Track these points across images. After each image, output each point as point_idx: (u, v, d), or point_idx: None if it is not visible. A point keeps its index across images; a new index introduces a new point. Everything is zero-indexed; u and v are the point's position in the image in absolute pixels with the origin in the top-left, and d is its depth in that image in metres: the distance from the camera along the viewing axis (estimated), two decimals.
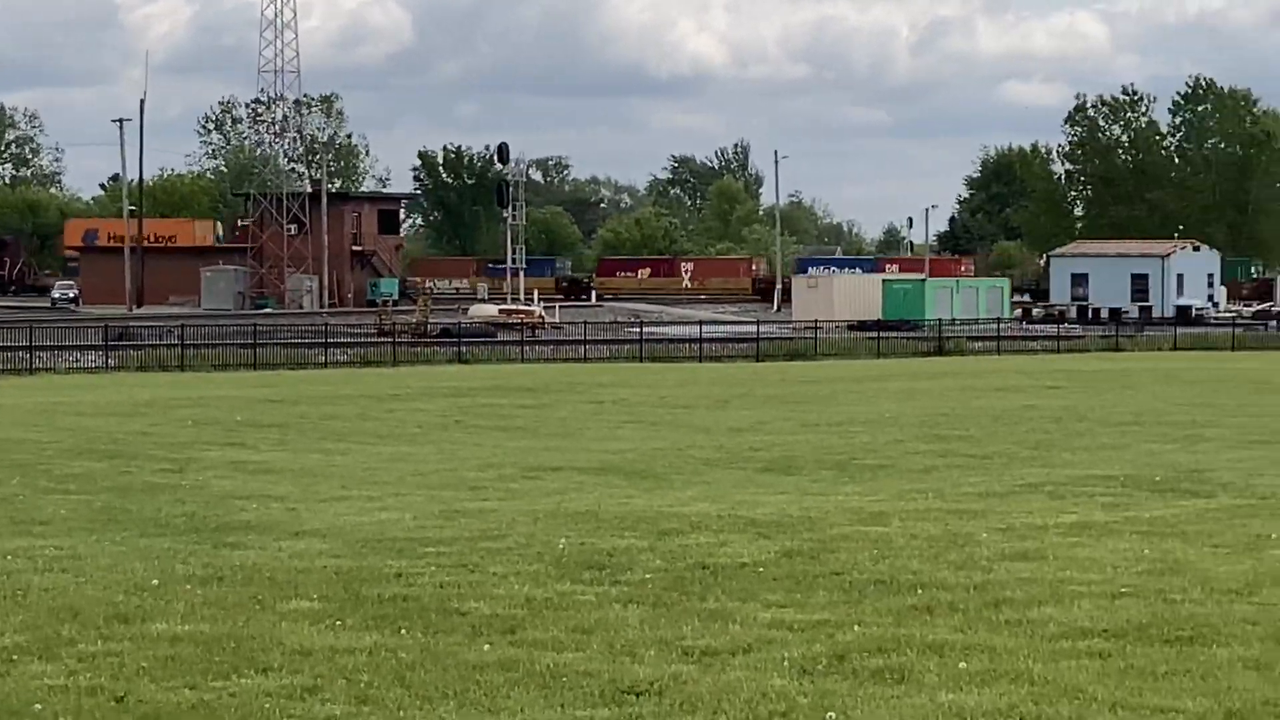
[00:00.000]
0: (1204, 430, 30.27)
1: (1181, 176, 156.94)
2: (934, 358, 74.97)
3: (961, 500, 19.70)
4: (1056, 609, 12.65)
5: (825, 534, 16.68)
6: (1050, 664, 10.90)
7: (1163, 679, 10.50)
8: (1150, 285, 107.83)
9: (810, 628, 12.07)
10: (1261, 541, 16.05)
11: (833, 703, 10.04)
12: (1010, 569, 14.45)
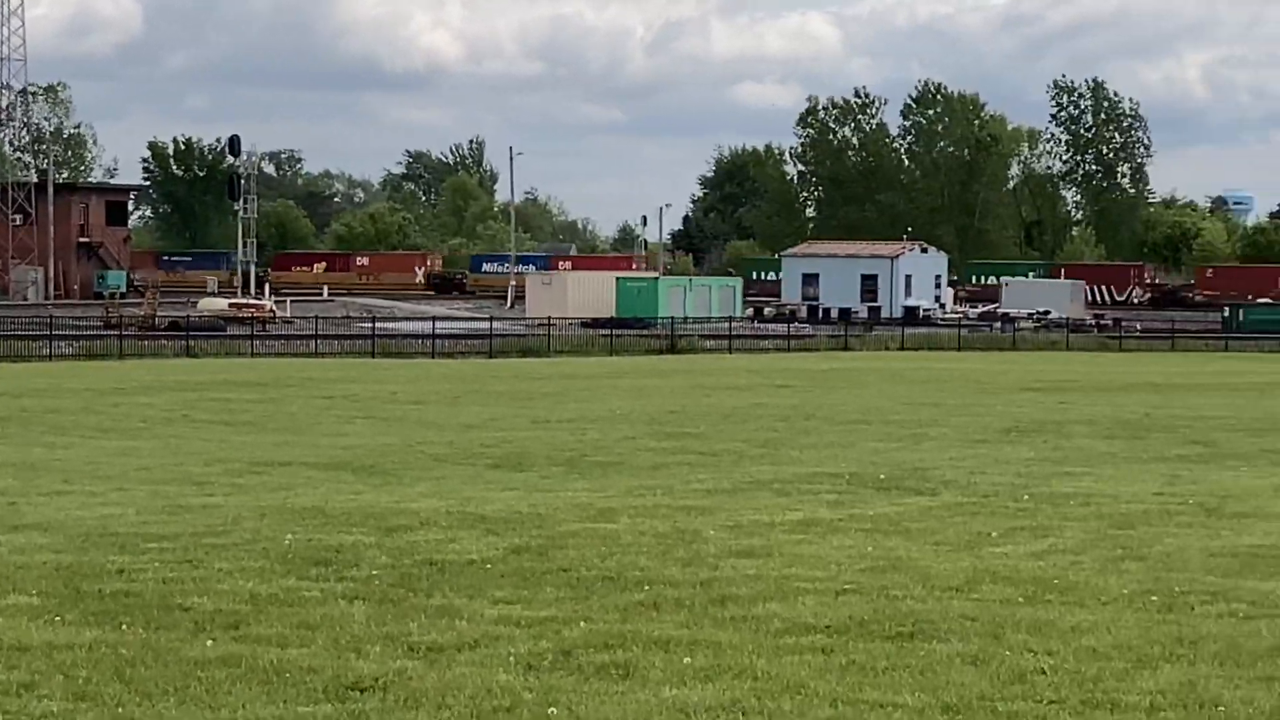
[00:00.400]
0: (928, 429, 30.81)
1: (911, 179, 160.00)
2: (666, 356, 75.46)
3: (690, 497, 19.83)
4: (781, 605, 12.79)
5: (554, 531, 16.70)
6: (773, 659, 11.02)
7: (882, 674, 10.66)
8: (879, 286, 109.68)
9: (537, 624, 12.08)
10: (981, 539, 16.39)
11: (557, 699, 10.05)
12: (736, 565, 14.59)
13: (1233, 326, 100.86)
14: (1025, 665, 10.91)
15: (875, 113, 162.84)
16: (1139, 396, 42.91)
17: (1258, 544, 16.03)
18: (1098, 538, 16.47)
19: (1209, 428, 31.38)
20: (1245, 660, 10.98)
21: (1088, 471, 23.12)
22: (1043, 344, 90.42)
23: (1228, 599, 13.08)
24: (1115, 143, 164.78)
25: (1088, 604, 12.95)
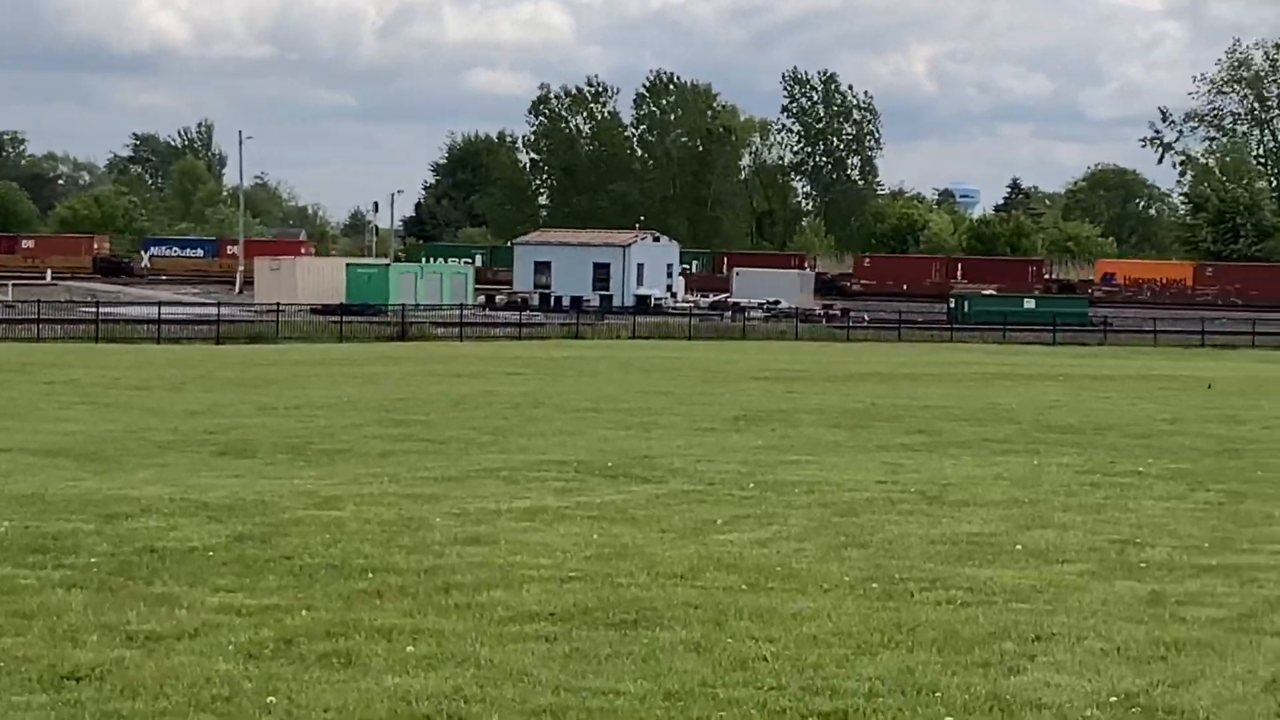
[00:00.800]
0: (658, 417, 30.98)
1: (644, 169, 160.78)
2: (397, 343, 75.04)
3: (417, 485, 19.72)
4: (505, 593, 12.75)
5: (278, 518, 16.50)
6: (497, 647, 10.98)
7: (605, 661, 10.67)
8: (611, 274, 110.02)
9: (259, 612, 11.92)
10: (707, 526, 16.50)
11: (277, 687, 9.92)
12: (462, 553, 14.53)
13: (958, 318, 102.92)
14: (747, 652, 10.98)
15: (607, 102, 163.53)
16: (865, 386, 43.55)
17: (976, 531, 16.33)
18: (821, 525, 16.67)
19: (932, 417, 31.94)
20: (962, 646, 11.17)
21: (813, 460, 23.40)
22: (772, 333, 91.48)
23: (946, 586, 13.31)
24: (846, 135, 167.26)
25: (810, 591, 13.09)
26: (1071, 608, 12.48)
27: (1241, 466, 22.98)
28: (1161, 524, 17.01)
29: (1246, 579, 13.76)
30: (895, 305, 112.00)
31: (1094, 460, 23.66)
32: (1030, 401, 37.55)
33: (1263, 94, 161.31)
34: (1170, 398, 40.26)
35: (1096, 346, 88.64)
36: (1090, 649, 11.11)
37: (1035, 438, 27.66)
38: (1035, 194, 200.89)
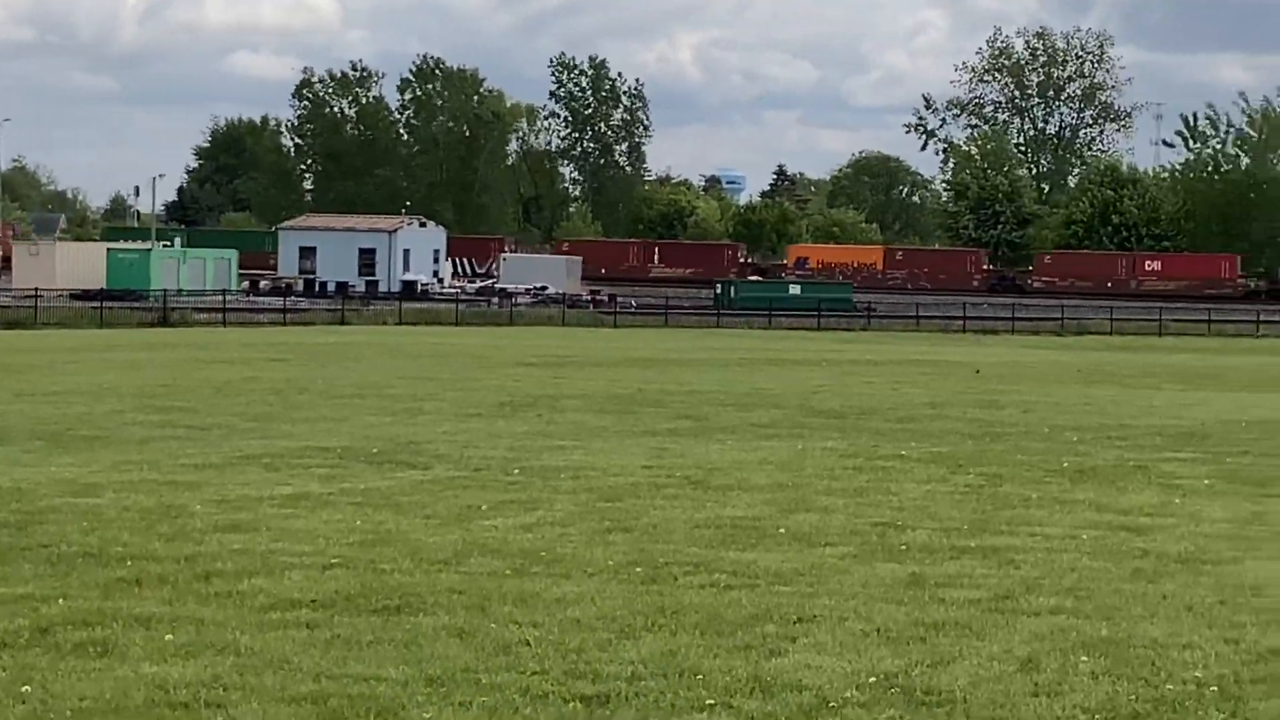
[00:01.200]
0: (423, 403, 30.83)
1: (410, 154, 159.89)
2: (158, 328, 73.90)
3: (177, 472, 19.43)
4: (267, 580, 12.61)
5: (34, 506, 16.18)
6: (258, 635, 10.85)
7: (367, 648, 10.59)
8: (378, 260, 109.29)
9: (13, 601, 11.68)
10: (472, 512, 16.44)
11: (31, 677, 9.73)
12: (223, 541, 14.34)
13: (724, 303, 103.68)
14: (510, 637, 10.96)
15: (372, 86, 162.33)
16: (632, 372, 43.70)
17: (740, 515, 16.45)
18: (586, 510, 16.69)
19: (698, 402, 32.14)
20: (725, 629, 11.23)
21: (579, 445, 23.42)
22: (540, 319, 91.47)
23: (710, 569, 13.38)
24: (615, 121, 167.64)
25: (574, 576, 13.10)
26: (833, 590, 12.61)
27: (1001, 450, 23.38)
28: (922, 507, 17.25)
29: (1004, 560, 13.99)
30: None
31: (857, 444, 23.94)
32: (795, 386, 37.92)
33: (1023, 83, 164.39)
34: (932, 382, 40.87)
35: (860, 332, 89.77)
36: (851, 630, 11.24)
37: (800, 422, 27.93)
38: (801, 180, 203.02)
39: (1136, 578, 13.26)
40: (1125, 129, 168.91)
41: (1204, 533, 15.67)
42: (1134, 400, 35.34)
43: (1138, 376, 46.27)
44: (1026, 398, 35.31)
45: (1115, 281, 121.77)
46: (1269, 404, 34.48)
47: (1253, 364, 57.50)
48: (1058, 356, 61.94)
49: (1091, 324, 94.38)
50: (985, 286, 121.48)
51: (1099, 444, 24.43)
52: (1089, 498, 18.12)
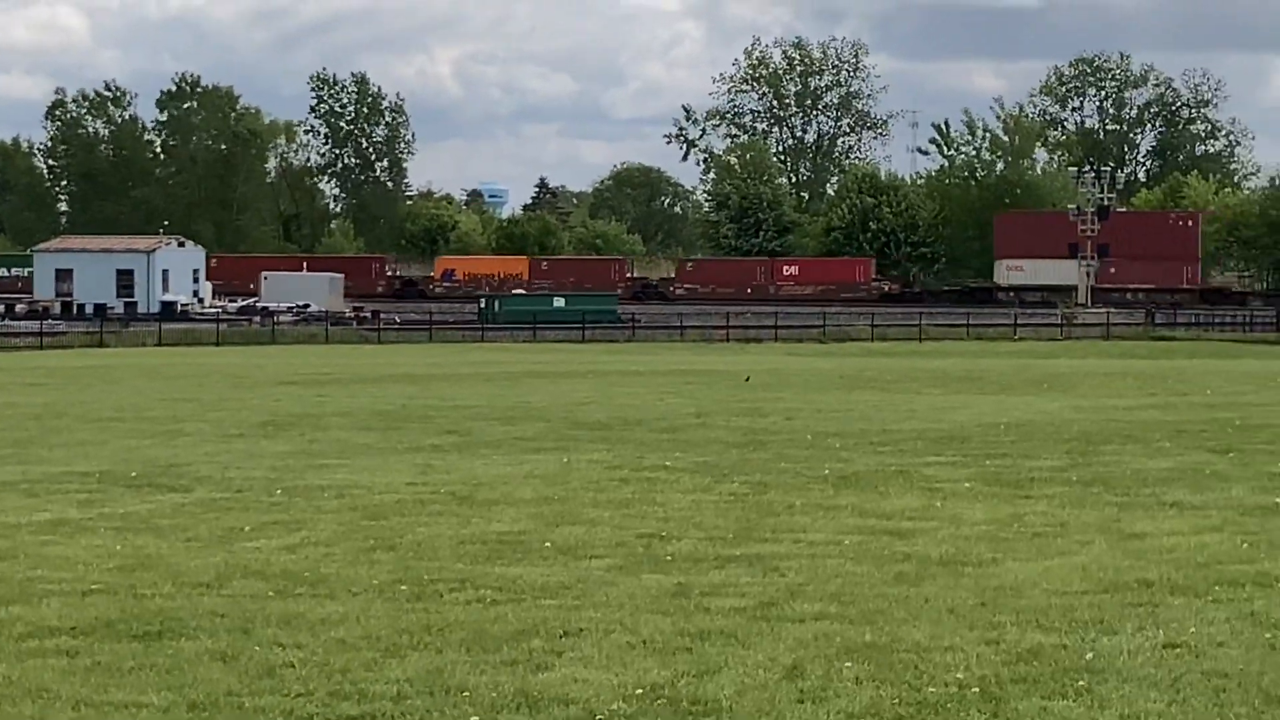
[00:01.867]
0: (184, 425, 30.40)
1: (167, 173, 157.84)
2: None
3: None
4: (24, 608, 12.36)
5: None
6: (15, 664, 10.64)
7: (129, 674, 10.41)
8: (136, 281, 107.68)
9: None
10: (234, 534, 16.24)
11: None
12: None
13: (489, 318, 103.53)
14: (274, 659, 10.84)
15: (127, 106, 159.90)
16: (396, 388, 43.48)
17: (506, 530, 16.41)
18: (351, 529, 16.56)
19: (463, 417, 32.04)
20: (491, 645, 11.20)
21: (343, 463, 23.24)
22: (303, 337, 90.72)
23: (476, 585, 13.33)
24: (376, 137, 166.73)
25: (339, 595, 12.99)
26: (599, 602, 12.62)
27: (765, 458, 23.57)
28: (687, 516, 17.33)
29: (769, 568, 14.10)
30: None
31: (623, 456, 24.01)
32: (560, 399, 37.96)
33: (781, 92, 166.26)
34: (697, 392, 41.12)
35: (625, 343, 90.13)
36: (617, 642, 11.25)
37: (566, 435, 27.96)
38: (563, 193, 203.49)
39: (899, 581, 13.43)
40: (882, 137, 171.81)
41: (964, 535, 15.91)
42: (895, 405, 35.83)
43: (900, 381, 46.92)
44: (790, 405, 35.65)
45: (754, 286, 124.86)
46: (1026, 406, 35.14)
47: (1010, 366, 58.61)
48: (819, 363, 62.64)
49: (748, 332, 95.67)
50: (629, 294, 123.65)
51: (861, 449, 24.72)
52: (852, 503, 18.32)
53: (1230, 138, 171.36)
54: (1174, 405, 35.12)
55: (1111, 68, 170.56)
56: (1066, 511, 17.47)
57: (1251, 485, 19.52)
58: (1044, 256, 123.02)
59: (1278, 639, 11.16)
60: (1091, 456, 23.25)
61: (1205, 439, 25.87)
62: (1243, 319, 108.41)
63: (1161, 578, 13.38)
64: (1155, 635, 11.31)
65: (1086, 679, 10.19)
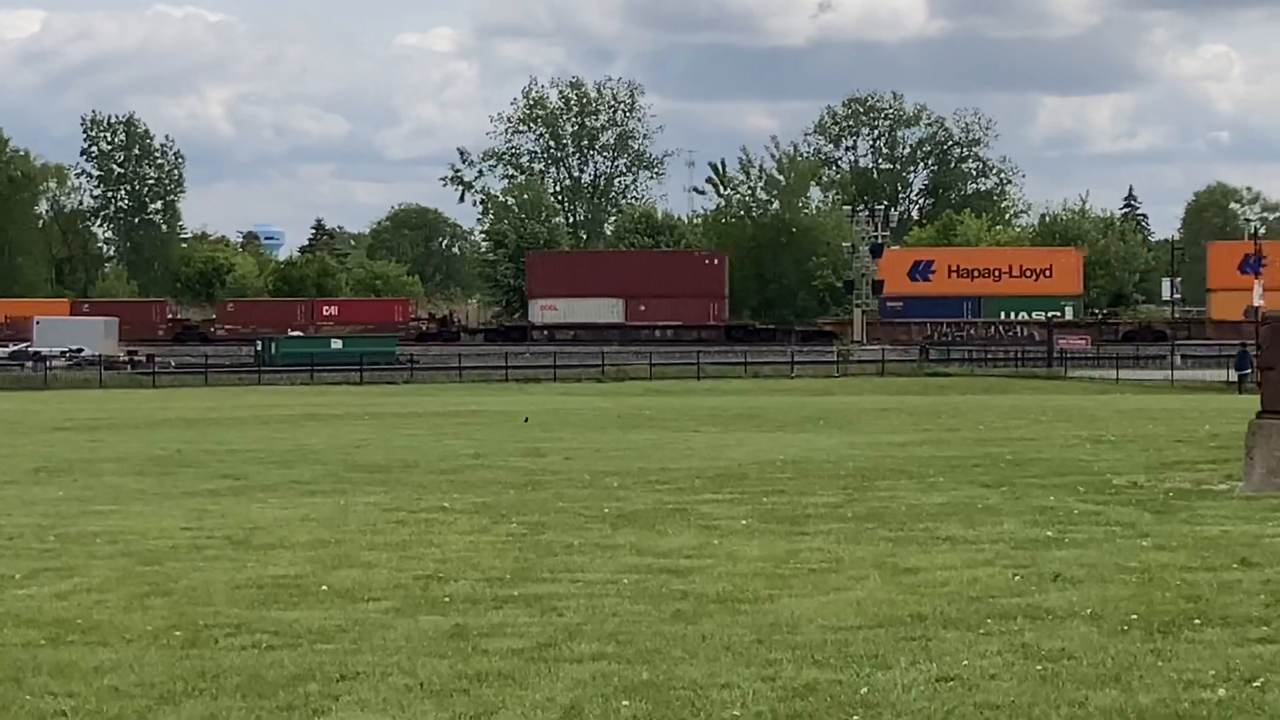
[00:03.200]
0: None
1: None
2: None
3: None
4: None
5: None
6: None
7: None
8: None
9: None
10: (5, 581, 15.95)
11: None
12: None
13: (265, 360, 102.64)
14: (46, 708, 10.67)
15: None
16: (172, 432, 42.94)
17: (282, 574, 16.26)
18: (125, 575, 16.31)
19: (239, 461, 31.70)
20: (267, 691, 11.09)
21: (117, 509, 22.88)
22: (76, 382, 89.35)
23: (251, 630, 13.20)
24: (149, 179, 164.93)
25: (112, 643, 12.79)
26: (376, 645, 12.55)
27: (544, 498, 23.57)
28: (465, 558, 17.29)
29: (547, 608, 14.10)
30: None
31: (400, 498, 23.90)
32: (338, 441, 37.71)
33: (558, 132, 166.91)
34: (476, 432, 41.07)
35: (404, 385, 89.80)
36: (394, 685, 11.20)
37: (343, 477, 27.78)
38: (340, 234, 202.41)
39: (676, 619, 13.50)
40: (658, 176, 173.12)
41: (741, 572, 16.02)
42: (673, 443, 36.03)
43: (678, 420, 47.21)
44: (569, 445, 35.72)
45: (295, 325, 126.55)
46: (802, 443, 35.50)
47: (787, 403, 59.20)
48: (598, 402, 62.85)
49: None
50: (171, 336, 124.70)
51: (639, 488, 24.82)
52: (630, 542, 18.38)
53: (1001, 176, 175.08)
54: (947, 440, 35.68)
55: (884, 107, 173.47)
56: (842, 547, 17.66)
57: (1023, 519, 19.86)
58: (579, 295, 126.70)
59: (1049, 671, 11.36)
60: (867, 492, 23.54)
61: (978, 474, 26.31)
62: (1015, 354, 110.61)
63: (935, 611, 13.58)
64: (929, 669, 11.47)
65: (861, 714, 10.31)
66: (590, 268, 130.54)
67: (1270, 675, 11.11)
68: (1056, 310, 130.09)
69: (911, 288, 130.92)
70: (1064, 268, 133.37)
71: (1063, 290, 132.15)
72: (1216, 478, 24.69)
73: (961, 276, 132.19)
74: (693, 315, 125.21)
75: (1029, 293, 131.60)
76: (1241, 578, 15.08)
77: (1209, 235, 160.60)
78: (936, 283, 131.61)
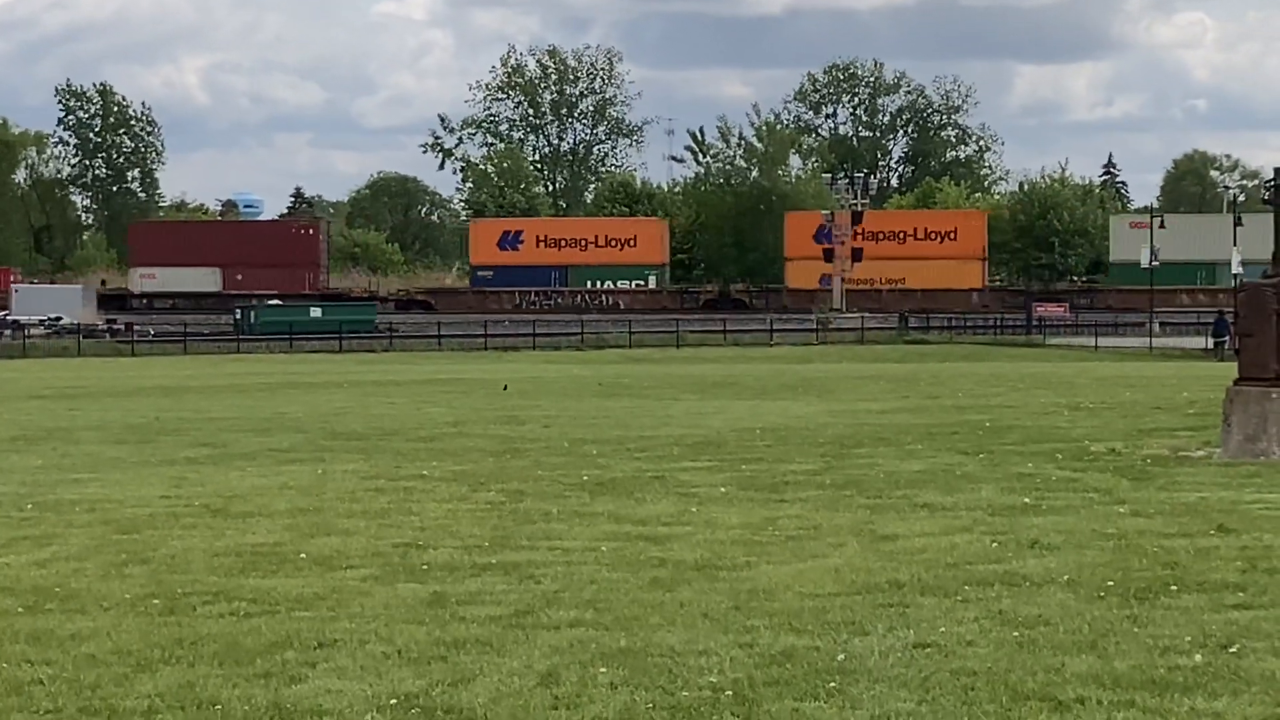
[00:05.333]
0: None
1: None
2: None
3: None
4: None
5: None
6: None
7: None
8: None
9: None
10: None
11: None
12: None
13: (245, 329, 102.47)
14: (23, 676, 10.66)
15: None
16: (150, 400, 42.89)
17: (260, 542, 16.25)
18: (102, 543, 16.29)
19: (218, 429, 31.67)
20: (244, 658, 11.09)
21: (95, 477, 22.85)
22: (55, 350, 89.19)
23: (229, 598, 13.19)
24: (126, 148, 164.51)
25: (89, 611, 12.78)
26: (354, 613, 12.55)
27: (522, 466, 23.58)
28: (444, 525, 17.29)
29: (525, 575, 14.10)
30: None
31: (379, 465, 23.89)
32: (317, 409, 37.68)
33: (537, 100, 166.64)
34: (455, 400, 41.06)
35: (383, 353, 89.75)
36: (372, 653, 11.20)
37: (321, 445, 27.76)
38: (319, 202, 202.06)
39: (654, 587, 13.51)
40: (637, 144, 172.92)
41: (719, 539, 16.03)
42: (652, 411, 36.04)
43: (657, 388, 47.23)
44: (547, 413, 35.72)
45: None
46: (781, 410, 35.53)
47: (766, 371, 59.23)
48: (576, 370, 62.85)
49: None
50: None
51: (618, 456, 24.83)
52: (608, 509, 18.39)
53: (980, 143, 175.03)
54: (926, 408, 35.72)
55: (865, 75, 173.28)
56: (820, 514, 17.68)
57: (1000, 486, 19.90)
58: (181, 265, 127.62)
59: (1025, 637, 11.39)
60: (845, 460, 23.57)
61: (956, 441, 26.35)
62: (994, 322, 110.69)
63: (912, 578, 13.60)
64: (906, 635, 11.49)
65: (838, 680, 10.33)
66: (190, 238, 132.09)
67: (1246, 641, 11.15)
68: (641, 279, 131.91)
69: (501, 257, 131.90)
70: (648, 237, 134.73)
71: (647, 260, 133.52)
72: (1194, 444, 24.77)
73: (550, 246, 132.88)
74: (291, 284, 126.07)
75: (615, 262, 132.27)
76: (1218, 544, 15.13)
77: (1189, 203, 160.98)
78: (525, 252, 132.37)
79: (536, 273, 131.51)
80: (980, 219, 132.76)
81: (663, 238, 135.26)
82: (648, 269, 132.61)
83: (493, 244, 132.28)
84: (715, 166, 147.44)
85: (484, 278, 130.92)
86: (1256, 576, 13.48)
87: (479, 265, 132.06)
